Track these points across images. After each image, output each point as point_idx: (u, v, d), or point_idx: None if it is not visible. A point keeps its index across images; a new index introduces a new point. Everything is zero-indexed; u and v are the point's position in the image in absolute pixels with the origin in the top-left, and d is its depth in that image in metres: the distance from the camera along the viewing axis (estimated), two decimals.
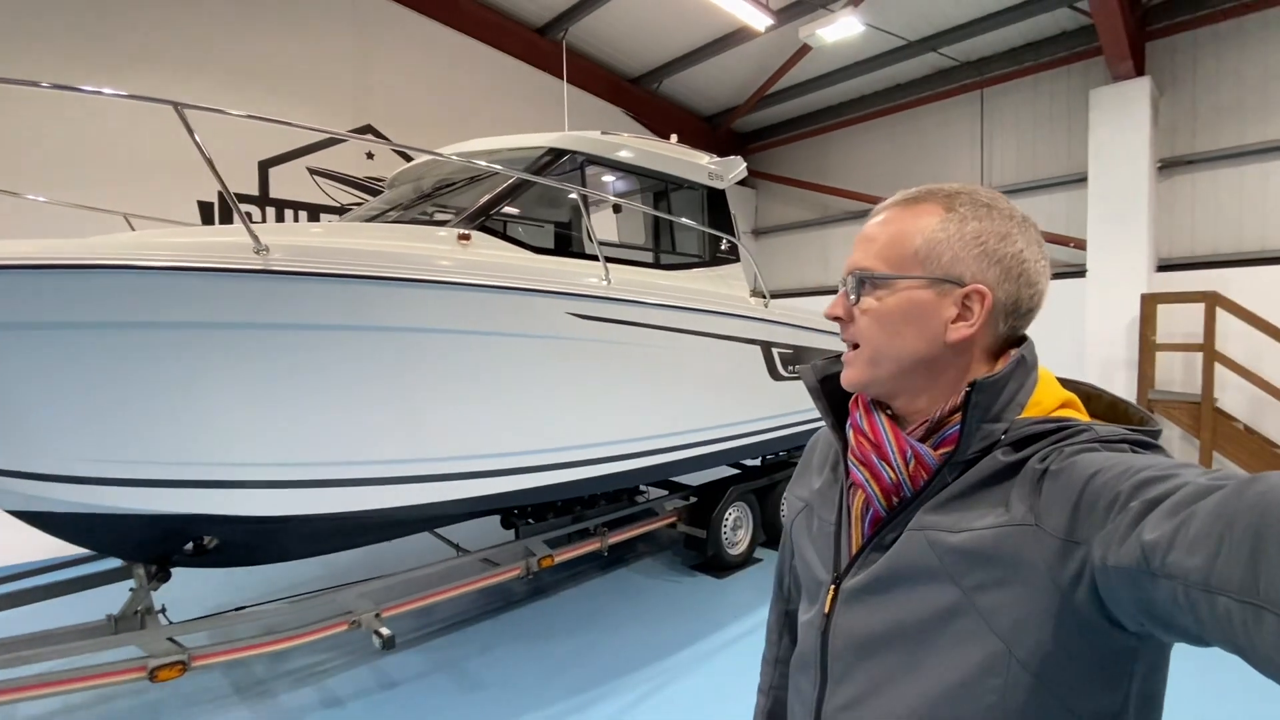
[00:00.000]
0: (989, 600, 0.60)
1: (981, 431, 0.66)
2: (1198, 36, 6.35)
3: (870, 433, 0.73)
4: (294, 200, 5.60)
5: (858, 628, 0.70)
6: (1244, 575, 0.41)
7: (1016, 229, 0.71)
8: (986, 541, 0.61)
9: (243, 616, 2.71)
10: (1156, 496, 0.49)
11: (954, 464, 0.67)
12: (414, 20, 6.48)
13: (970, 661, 0.61)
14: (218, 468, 2.48)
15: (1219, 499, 0.44)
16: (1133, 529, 0.49)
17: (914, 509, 0.68)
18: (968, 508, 0.64)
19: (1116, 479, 0.54)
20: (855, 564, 0.73)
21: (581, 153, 3.45)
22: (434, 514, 3.06)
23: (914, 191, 0.74)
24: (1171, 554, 0.45)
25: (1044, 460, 0.61)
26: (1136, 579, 0.49)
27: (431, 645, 3.31)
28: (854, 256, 0.74)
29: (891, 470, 0.70)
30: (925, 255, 0.69)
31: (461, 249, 2.81)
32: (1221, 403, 5.82)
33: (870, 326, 0.72)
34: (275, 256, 2.21)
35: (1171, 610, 0.47)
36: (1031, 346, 0.72)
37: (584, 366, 3.21)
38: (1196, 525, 0.44)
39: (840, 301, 0.75)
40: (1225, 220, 6.34)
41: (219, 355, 2.32)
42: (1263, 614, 0.40)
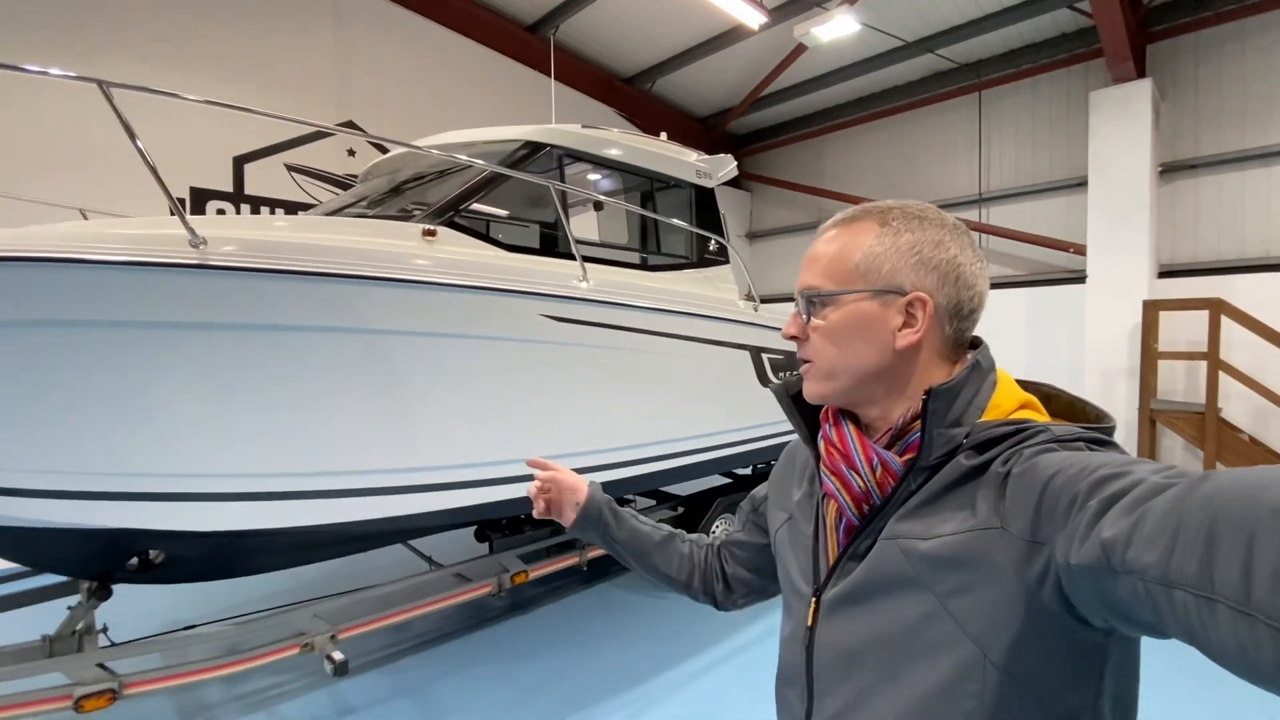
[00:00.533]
0: (962, 605, 0.62)
1: (942, 437, 0.68)
2: (1200, 38, 6.23)
3: (839, 442, 0.75)
4: (270, 197, 5.42)
5: (840, 639, 0.72)
6: (1198, 569, 0.42)
7: (949, 236, 0.73)
8: (956, 547, 0.62)
9: (184, 639, 2.51)
10: (1113, 494, 0.51)
11: (919, 470, 0.69)
12: (398, 14, 6.32)
13: (947, 668, 0.62)
14: (160, 479, 2.29)
15: (1172, 496, 0.46)
16: (1092, 527, 0.51)
17: (885, 516, 0.70)
18: (936, 513, 0.66)
19: (1074, 478, 0.55)
20: (833, 575, 0.74)
21: (560, 147, 3.28)
22: (397, 528, 2.87)
23: (851, 211, 0.77)
24: (1130, 550, 0.47)
25: (1006, 463, 0.63)
26: (1098, 576, 0.50)
27: (396, 666, 3.12)
28: (801, 278, 0.76)
29: (860, 478, 0.72)
30: (866, 269, 0.72)
31: (426, 245, 2.62)
32: (1226, 413, 5.66)
33: (822, 342, 0.74)
34: (212, 250, 2.03)
35: (1132, 604, 0.48)
36: (986, 350, 0.75)
37: (560, 371, 3.03)
38: (1152, 522, 0.46)
39: (795, 321, 0.77)
40: (1228, 225, 6.19)
41: (154, 357, 2.13)
42: (1216, 606, 0.41)
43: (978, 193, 7.84)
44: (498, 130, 3.35)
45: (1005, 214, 7.69)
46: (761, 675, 2.99)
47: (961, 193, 7.99)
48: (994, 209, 7.77)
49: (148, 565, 2.65)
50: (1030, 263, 7.52)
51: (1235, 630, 0.40)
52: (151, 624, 2.87)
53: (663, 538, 1.10)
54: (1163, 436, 5.99)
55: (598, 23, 7.36)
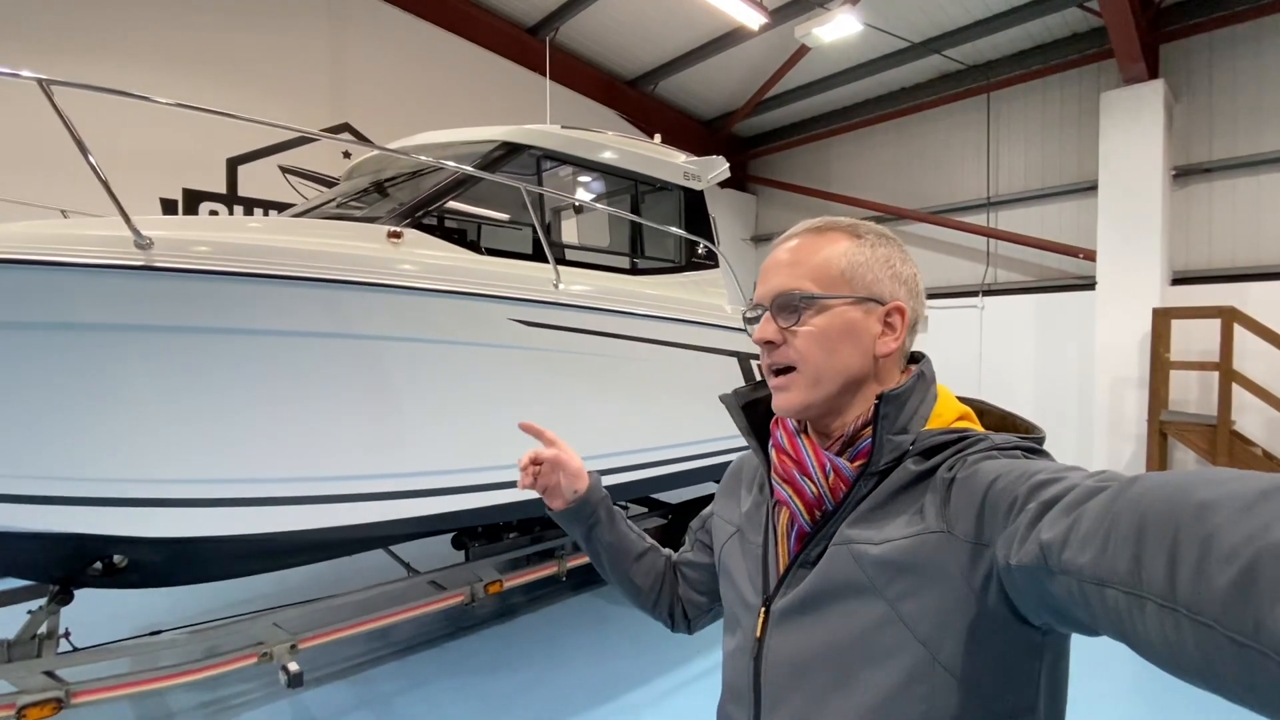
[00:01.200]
0: (911, 608, 0.62)
1: (891, 443, 0.70)
2: (1214, 39, 6.03)
3: (791, 450, 0.76)
4: (264, 199, 5.41)
5: (790, 650, 0.71)
6: (1127, 567, 0.43)
7: (904, 253, 0.78)
8: (905, 551, 0.64)
9: (137, 646, 2.46)
10: (1050, 498, 0.52)
11: (869, 475, 0.70)
12: (394, 16, 6.31)
13: (898, 672, 0.62)
14: (120, 484, 2.26)
15: (1105, 499, 0.47)
16: (1031, 529, 0.52)
17: (836, 522, 0.71)
18: (886, 517, 0.67)
19: (1014, 483, 0.57)
20: (784, 583, 0.74)
21: (539, 148, 3.21)
22: (367, 535, 2.82)
23: (816, 222, 0.79)
24: (1065, 551, 0.48)
25: (950, 469, 0.65)
26: (1036, 576, 0.51)
27: (364, 677, 3.05)
28: (776, 281, 0.76)
29: (813, 484, 0.73)
30: (850, 276, 0.74)
31: (390, 248, 2.57)
32: (1240, 425, 5.45)
33: (810, 347, 0.73)
34: (159, 252, 1.98)
35: (1068, 603, 0.49)
36: (929, 362, 0.77)
37: (534, 377, 2.95)
38: (1086, 524, 0.47)
39: (768, 325, 0.75)
40: (1244, 231, 5.98)
41: (108, 360, 2.09)
42: (1144, 602, 0.42)
43: (986, 196, 7.67)
44: (476, 131, 3.29)
45: (1014, 218, 7.51)
46: None
47: (970, 196, 7.82)
48: (1003, 213, 7.59)
49: (111, 570, 2.62)
50: (1039, 268, 7.33)
51: (1161, 626, 0.41)
52: (122, 628, 2.84)
53: (645, 549, 1.08)
54: (1174, 450, 5.79)
55: (598, 25, 7.31)
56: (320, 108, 5.86)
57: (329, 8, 5.87)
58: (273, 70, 5.58)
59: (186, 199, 5.02)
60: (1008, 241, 7.47)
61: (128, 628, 2.90)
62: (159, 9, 5.00)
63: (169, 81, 4.98)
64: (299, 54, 5.73)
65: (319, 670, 3.06)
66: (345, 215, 2.95)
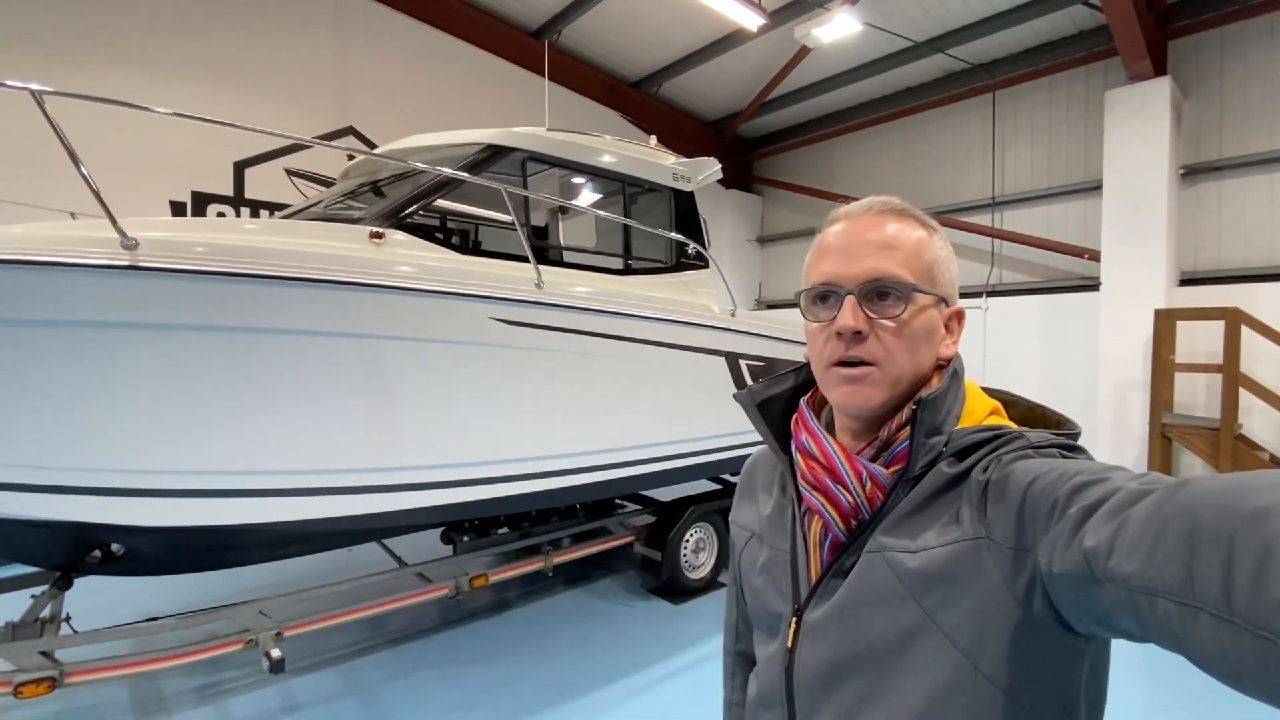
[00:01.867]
0: (950, 617, 0.60)
1: (925, 446, 0.67)
2: (1224, 34, 5.91)
3: (821, 456, 0.71)
4: (271, 201, 5.56)
5: (823, 659, 0.69)
6: (1179, 576, 0.41)
7: None
8: (944, 559, 0.61)
9: (128, 631, 2.56)
10: (1093, 502, 0.50)
11: (904, 480, 0.68)
12: (399, 20, 6.43)
13: (937, 681, 0.61)
14: (116, 474, 2.36)
15: (1151, 504, 0.45)
16: (1074, 535, 0.50)
17: (871, 530, 0.68)
18: (922, 523, 0.65)
19: (1053, 484, 0.55)
20: (816, 593, 0.71)
21: (522, 150, 3.27)
22: (356, 528, 2.90)
23: (895, 202, 0.73)
24: (1112, 559, 0.46)
25: (986, 470, 0.62)
26: (1081, 583, 0.50)
27: (351, 666, 3.14)
28: (871, 263, 0.69)
29: (849, 494, 0.69)
30: (935, 273, 0.70)
31: (372, 248, 2.65)
32: (1247, 429, 5.35)
33: (898, 342, 0.68)
34: (144, 252, 2.07)
35: (1115, 612, 0.48)
36: (960, 359, 0.74)
37: (517, 376, 3.02)
38: (1133, 530, 0.45)
39: (858, 313, 0.68)
40: (1255, 231, 5.86)
41: (102, 356, 2.19)
42: (1198, 613, 0.40)
43: (991, 196, 7.59)
44: (462, 134, 3.36)
45: (1020, 218, 7.42)
46: (714, 689, 2.92)
47: (975, 196, 7.75)
48: (1008, 213, 7.51)
49: (110, 558, 2.73)
50: (1045, 269, 7.24)
51: (1217, 637, 0.39)
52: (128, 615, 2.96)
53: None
54: (1181, 454, 5.69)
55: (600, 27, 7.37)
56: (325, 112, 6.00)
57: (334, 13, 6.00)
58: (279, 75, 5.73)
59: (195, 201, 5.17)
60: (1012, 242, 7.39)
61: (132, 614, 3.02)
62: (171, 20, 5.17)
63: (180, 88, 5.14)
64: (304, 59, 5.87)
65: (308, 658, 3.15)
66: (333, 216, 3.04)
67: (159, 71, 5.05)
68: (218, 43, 5.40)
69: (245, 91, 5.53)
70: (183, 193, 5.12)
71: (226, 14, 5.44)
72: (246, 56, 5.54)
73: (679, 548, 4.04)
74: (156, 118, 2.26)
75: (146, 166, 4.90)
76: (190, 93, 5.15)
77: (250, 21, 5.56)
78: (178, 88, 5.13)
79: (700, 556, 4.19)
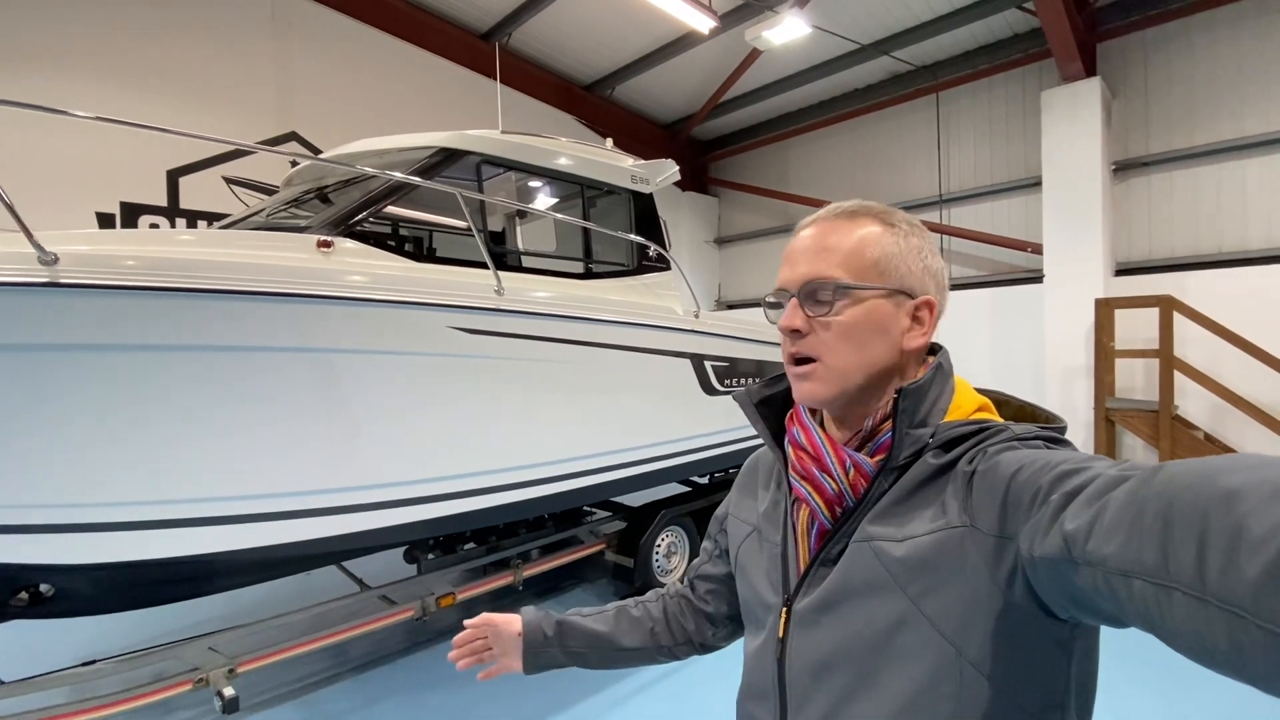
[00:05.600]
0: (935, 605, 0.61)
1: (910, 437, 0.68)
2: (1147, 37, 6.25)
3: (809, 446, 0.74)
4: (208, 211, 5.28)
5: (814, 649, 0.70)
6: (1155, 557, 0.42)
7: (933, 245, 0.76)
8: (928, 547, 0.62)
9: (69, 678, 2.37)
10: (1074, 489, 0.51)
11: (889, 470, 0.69)
12: (341, 22, 6.21)
13: (924, 669, 0.62)
14: (41, 510, 2.17)
15: (1129, 488, 0.46)
16: (1055, 520, 0.51)
17: (857, 519, 0.69)
18: (907, 513, 0.66)
19: (1037, 474, 0.56)
20: (805, 582, 0.73)
21: (477, 153, 3.18)
22: (312, 552, 2.75)
23: (848, 206, 0.76)
24: (1090, 542, 0.47)
25: (971, 461, 0.63)
26: (1060, 567, 0.51)
27: (311, 699, 2.98)
28: (805, 267, 0.73)
29: (833, 481, 0.71)
30: (884, 267, 0.71)
31: (321, 257, 2.52)
32: (1183, 410, 5.64)
33: (838, 339, 0.71)
34: (65, 267, 1.91)
35: (1093, 595, 0.49)
36: (947, 354, 0.76)
37: (479, 386, 2.92)
38: (1110, 514, 0.46)
39: (796, 313, 0.72)
40: (1181, 223, 6.20)
41: (18, 381, 2.01)
42: (1172, 592, 0.41)
43: (938, 194, 7.83)
44: (412, 137, 3.25)
45: (966, 215, 7.68)
46: (690, 698, 2.89)
47: (923, 194, 7.98)
48: (954, 210, 7.76)
49: (38, 599, 2.52)
50: (992, 263, 7.51)
51: (1191, 616, 0.40)
52: (61, 659, 2.73)
53: (613, 618, 1.03)
54: (1124, 436, 5.96)
55: (551, 30, 7.29)
56: (265, 117, 5.74)
57: (272, 15, 5.75)
58: (214, 78, 5.45)
59: (125, 213, 4.87)
60: (960, 237, 7.64)
61: (67, 658, 2.79)
62: (96, 18, 4.85)
63: (106, 92, 4.83)
64: (241, 62, 5.60)
65: (264, 693, 2.97)
66: (277, 225, 2.88)
67: (83, 74, 4.73)
68: (148, 44, 5.09)
69: (179, 96, 5.23)
70: (110, 204, 4.81)
71: (157, 14, 5.14)
72: (180, 59, 5.25)
73: (651, 553, 3.99)
74: (78, 124, 2.09)
75: (68, 176, 4.58)
76: (117, 97, 4.84)
77: (184, 21, 5.27)
78: (103, 92, 4.82)
79: (673, 560, 4.16)
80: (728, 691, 0.87)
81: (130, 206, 4.92)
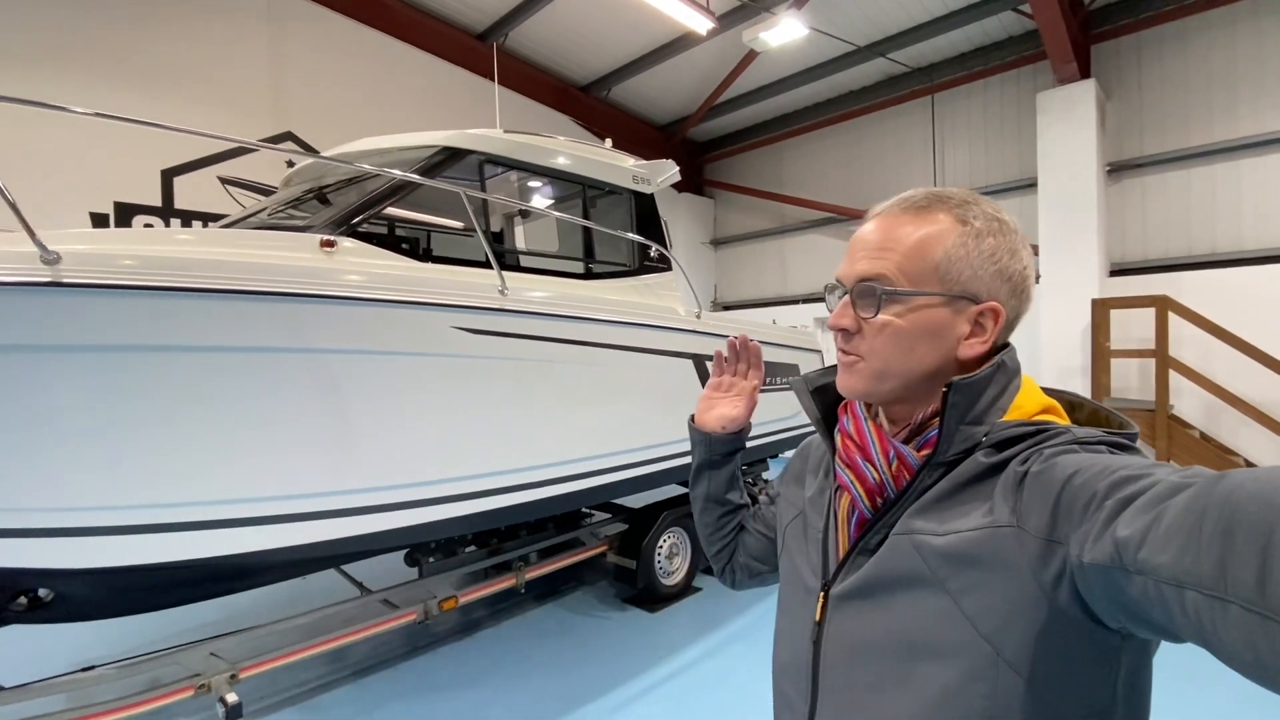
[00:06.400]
0: (975, 603, 0.60)
1: (961, 434, 0.66)
2: (1141, 39, 6.31)
3: (856, 435, 0.74)
4: (203, 211, 5.23)
5: (849, 634, 0.70)
6: (1211, 569, 0.41)
7: (1021, 244, 0.71)
8: (971, 544, 0.61)
9: (68, 684, 2.33)
10: (1130, 495, 0.50)
11: (935, 465, 0.67)
12: (338, 22, 6.17)
13: (959, 666, 0.60)
14: (40, 514, 2.13)
15: (1189, 496, 0.45)
16: (1107, 526, 0.50)
17: (899, 511, 0.69)
18: (951, 509, 0.65)
19: (1094, 479, 0.54)
20: (843, 568, 0.73)
21: (479, 152, 3.16)
22: (313, 556, 2.71)
23: (920, 197, 0.72)
24: (1143, 550, 0.46)
25: (1025, 462, 0.61)
26: (1111, 575, 0.49)
27: (313, 704, 2.94)
28: (862, 264, 0.70)
29: (875, 471, 0.71)
30: (945, 271, 0.68)
31: (324, 257, 2.49)
32: (1178, 409, 5.69)
33: (884, 343, 0.69)
34: (67, 267, 1.88)
35: (1144, 605, 0.47)
36: (1013, 352, 0.71)
37: (483, 386, 2.90)
38: (1167, 522, 0.45)
39: (846, 311, 0.71)
40: (1175, 223, 6.26)
41: (18, 383, 1.97)
42: (1228, 606, 0.40)
43: None
44: (417, 136, 3.23)
45: None
46: (696, 700, 2.87)
47: None
48: None
49: (36, 604, 2.48)
50: None
51: (1248, 631, 0.39)
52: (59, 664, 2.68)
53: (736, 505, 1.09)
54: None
55: (548, 30, 7.28)
56: (261, 116, 5.69)
57: (268, 14, 5.71)
58: (210, 78, 5.40)
59: (119, 212, 4.81)
60: None
61: (65, 663, 2.75)
62: (91, 18, 4.79)
63: (101, 90, 4.77)
64: (238, 62, 5.56)
65: (266, 699, 2.94)
66: (278, 225, 2.85)
67: (77, 73, 4.67)
68: (146, 45, 5.04)
69: (175, 95, 5.18)
70: (104, 203, 4.76)
71: (155, 13, 5.08)
72: (176, 58, 5.20)
73: (653, 555, 3.98)
74: (72, 120, 2.07)
75: (62, 175, 4.52)
76: (112, 96, 4.79)
77: (180, 21, 5.21)
78: (98, 91, 4.77)
79: (675, 562, 4.15)
80: (729, 693, 0.87)
81: (124, 206, 4.86)
